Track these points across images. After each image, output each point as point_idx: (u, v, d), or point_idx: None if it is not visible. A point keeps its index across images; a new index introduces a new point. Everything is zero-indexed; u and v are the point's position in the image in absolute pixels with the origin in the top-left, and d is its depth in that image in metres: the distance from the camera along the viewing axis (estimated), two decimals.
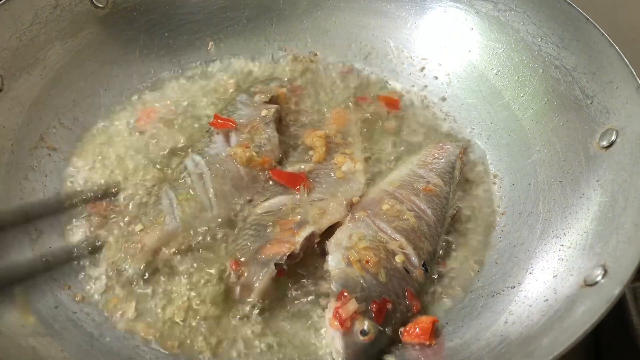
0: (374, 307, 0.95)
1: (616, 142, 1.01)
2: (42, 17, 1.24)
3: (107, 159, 1.22)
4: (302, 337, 0.99)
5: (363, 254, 1.00)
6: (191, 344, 0.98)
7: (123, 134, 1.28)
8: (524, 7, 1.24)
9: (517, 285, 1.02)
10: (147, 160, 1.22)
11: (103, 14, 1.34)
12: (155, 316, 1.01)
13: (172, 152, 1.24)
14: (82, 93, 1.31)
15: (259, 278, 0.99)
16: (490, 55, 1.31)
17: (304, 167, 1.16)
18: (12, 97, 1.18)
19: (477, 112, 1.32)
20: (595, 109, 1.08)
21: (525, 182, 1.18)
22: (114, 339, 0.98)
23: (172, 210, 1.10)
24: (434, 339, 0.96)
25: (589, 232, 0.98)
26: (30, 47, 1.22)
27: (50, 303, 1.00)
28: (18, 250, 1.05)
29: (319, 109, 1.34)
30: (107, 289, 1.04)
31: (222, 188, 1.13)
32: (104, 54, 1.35)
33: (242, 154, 1.15)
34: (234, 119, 1.24)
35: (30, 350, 0.89)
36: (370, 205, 1.11)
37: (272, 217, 1.08)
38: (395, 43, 1.44)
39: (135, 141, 1.26)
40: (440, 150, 1.24)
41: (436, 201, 1.13)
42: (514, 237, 1.12)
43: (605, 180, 1.01)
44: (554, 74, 1.18)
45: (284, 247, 1.01)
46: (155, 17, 1.41)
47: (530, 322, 0.92)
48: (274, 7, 1.47)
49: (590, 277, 0.88)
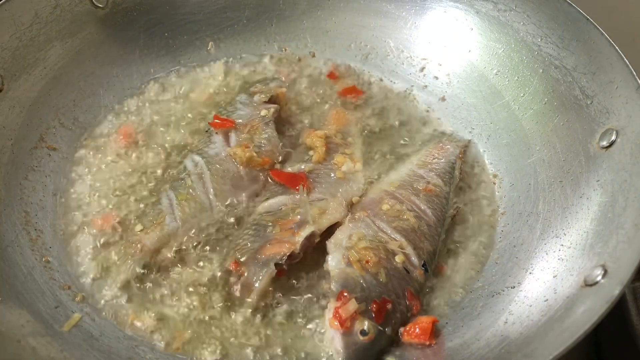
0: (374, 307, 0.95)
1: (616, 142, 1.01)
2: (42, 17, 1.24)
3: (106, 161, 1.23)
4: (301, 338, 0.99)
5: (363, 254, 1.00)
6: (191, 344, 0.98)
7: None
8: (524, 7, 1.24)
9: (517, 285, 1.02)
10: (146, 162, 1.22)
11: (103, 14, 1.34)
12: (155, 316, 1.01)
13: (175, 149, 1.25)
14: (82, 93, 1.31)
15: (258, 278, 0.99)
16: (490, 55, 1.31)
17: (304, 167, 1.16)
18: (12, 97, 1.18)
19: (477, 112, 1.32)
20: (595, 109, 1.08)
21: (525, 182, 1.18)
22: (114, 339, 0.98)
23: (172, 210, 1.10)
24: (434, 339, 0.96)
25: (589, 232, 0.98)
26: (30, 47, 1.22)
27: (50, 303, 1.00)
28: (18, 250, 1.05)
29: (319, 109, 1.34)
30: (107, 289, 1.04)
31: (222, 188, 1.14)
32: (104, 54, 1.35)
33: (242, 154, 1.15)
34: (234, 119, 1.24)
35: (30, 350, 0.89)
36: (370, 205, 1.11)
37: (272, 217, 1.08)
38: (395, 43, 1.44)
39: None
40: (440, 150, 1.24)
41: (436, 201, 1.13)
42: (514, 237, 1.12)
43: (605, 180, 1.01)
44: (554, 74, 1.18)
45: (284, 247, 1.01)
46: (155, 17, 1.41)
47: (530, 322, 0.92)
48: (274, 7, 1.47)
49: (590, 277, 0.88)
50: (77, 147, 1.25)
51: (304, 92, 1.38)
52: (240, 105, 1.30)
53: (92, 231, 1.11)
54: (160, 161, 1.22)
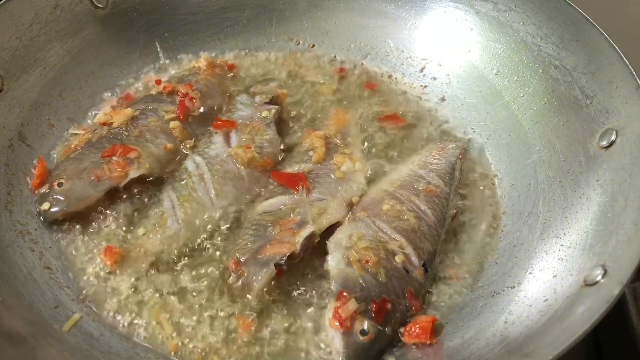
0: (374, 307, 0.95)
1: (616, 142, 1.01)
2: (42, 17, 1.24)
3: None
4: (301, 337, 0.99)
5: (363, 254, 1.00)
6: (191, 344, 0.98)
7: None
8: (523, 8, 1.24)
9: (517, 285, 1.02)
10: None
11: (103, 14, 1.35)
12: (155, 317, 1.01)
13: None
14: (82, 93, 1.31)
15: (258, 278, 0.99)
16: (490, 55, 1.31)
17: (304, 167, 1.16)
18: (12, 97, 1.18)
19: (477, 112, 1.32)
20: (595, 109, 1.08)
21: (525, 182, 1.18)
22: (114, 339, 0.98)
23: (174, 212, 1.10)
24: (434, 338, 0.96)
25: (588, 232, 0.98)
26: (30, 47, 1.22)
27: (50, 303, 1.00)
28: (18, 250, 1.05)
29: (319, 108, 1.35)
30: (108, 291, 1.04)
31: (223, 189, 1.14)
32: (104, 54, 1.36)
33: (244, 155, 1.15)
34: (234, 119, 1.24)
35: (30, 351, 0.89)
36: (370, 205, 1.11)
37: (272, 217, 1.08)
38: (395, 43, 1.44)
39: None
40: (440, 151, 1.24)
41: (436, 202, 1.13)
42: (514, 237, 1.12)
43: (605, 180, 1.01)
44: (554, 74, 1.18)
45: (284, 247, 1.00)
46: (155, 17, 1.41)
47: (530, 322, 0.92)
48: (274, 8, 1.47)
49: (590, 277, 0.88)
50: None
51: (304, 92, 1.38)
52: (240, 105, 1.30)
53: (93, 231, 1.12)
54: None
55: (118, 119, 1.20)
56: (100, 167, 1.12)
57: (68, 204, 1.09)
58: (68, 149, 1.21)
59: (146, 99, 1.27)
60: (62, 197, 1.09)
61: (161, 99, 1.26)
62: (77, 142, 1.20)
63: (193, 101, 1.24)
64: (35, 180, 1.13)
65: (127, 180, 1.12)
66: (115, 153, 1.13)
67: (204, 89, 1.30)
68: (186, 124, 1.23)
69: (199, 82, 1.30)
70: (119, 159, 1.13)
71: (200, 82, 1.31)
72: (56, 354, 0.91)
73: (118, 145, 1.14)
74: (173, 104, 1.24)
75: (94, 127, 1.24)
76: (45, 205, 1.09)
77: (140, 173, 1.13)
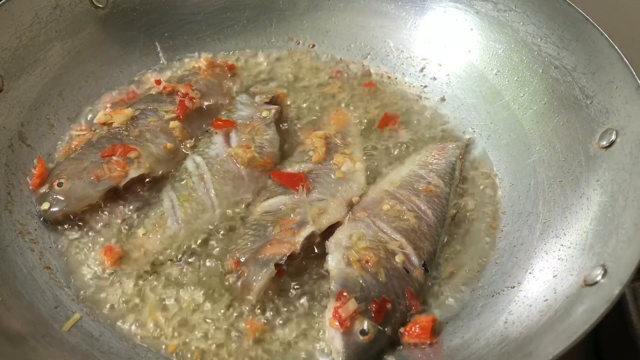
0: (374, 306, 0.95)
1: (616, 142, 1.01)
2: (42, 17, 1.24)
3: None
4: (301, 337, 0.99)
5: (363, 254, 1.00)
6: (191, 345, 0.98)
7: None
8: (523, 8, 1.24)
9: (517, 285, 1.02)
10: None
11: (103, 14, 1.35)
12: (155, 317, 1.01)
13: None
14: (82, 93, 1.31)
15: (258, 278, 0.99)
16: (490, 55, 1.31)
17: (304, 167, 1.16)
18: (12, 97, 1.18)
19: (477, 112, 1.32)
20: (595, 109, 1.08)
21: (525, 182, 1.18)
22: (114, 338, 0.98)
23: (174, 212, 1.10)
24: (434, 338, 0.96)
25: (588, 232, 0.98)
26: (30, 47, 1.22)
27: (50, 303, 1.00)
28: (18, 250, 1.05)
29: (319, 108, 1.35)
30: (108, 291, 1.04)
31: (223, 189, 1.14)
32: (104, 54, 1.36)
33: (244, 155, 1.15)
34: (234, 119, 1.24)
35: (30, 350, 0.89)
36: (371, 205, 1.11)
37: (272, 217, 1.08)
38: (395, 43, 1.44)
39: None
40: (440, 151, 1.25)
41: (436, 202, 1.13)
42: (514, 237, 1.12)
43: (605, 180, 1.01)
44: (554, 74, 1.18)
45: (284, 247, 1.01)
46: (155, 17, 1.41)
47: (530, 322, 0.92)
48: (274, 8, 1.47)
49: (590, 277, 0.88)
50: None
51: (304, 93, 1.38)
52: (241, 105, 1.30)
53: (93, 231, 1.12)
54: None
55: (118, 119, 1.20)
56: (100, 167, 1.12)
57: (68, 204, 1.09)
58: (68, 149, 1.21)
59: (146, 99, 1.27)
60: (62, 197, 1.09)
61: (161, 99, 1.26)
62: (77, 142, 1.21)
63: (193, 101, 1.24)
64: (35, 180, 1.14)
65: (127, 180, 1.12)
66: (115, 153, 1.13)
67: (204, 89, 1.30)
68: (186, 124, 1.23)
69: (199, 82, 1.31)
70: (118, 158, 1.13)
71: (200, 82, 1.31)
72: (56, 354, 0.91)
73: (118, 145, 1.14)
74: (173, 104, 1.24)
75: (94, 127, 1.25)
76: (45, 205, 1.10)
77: (140, 173, 1.13)
